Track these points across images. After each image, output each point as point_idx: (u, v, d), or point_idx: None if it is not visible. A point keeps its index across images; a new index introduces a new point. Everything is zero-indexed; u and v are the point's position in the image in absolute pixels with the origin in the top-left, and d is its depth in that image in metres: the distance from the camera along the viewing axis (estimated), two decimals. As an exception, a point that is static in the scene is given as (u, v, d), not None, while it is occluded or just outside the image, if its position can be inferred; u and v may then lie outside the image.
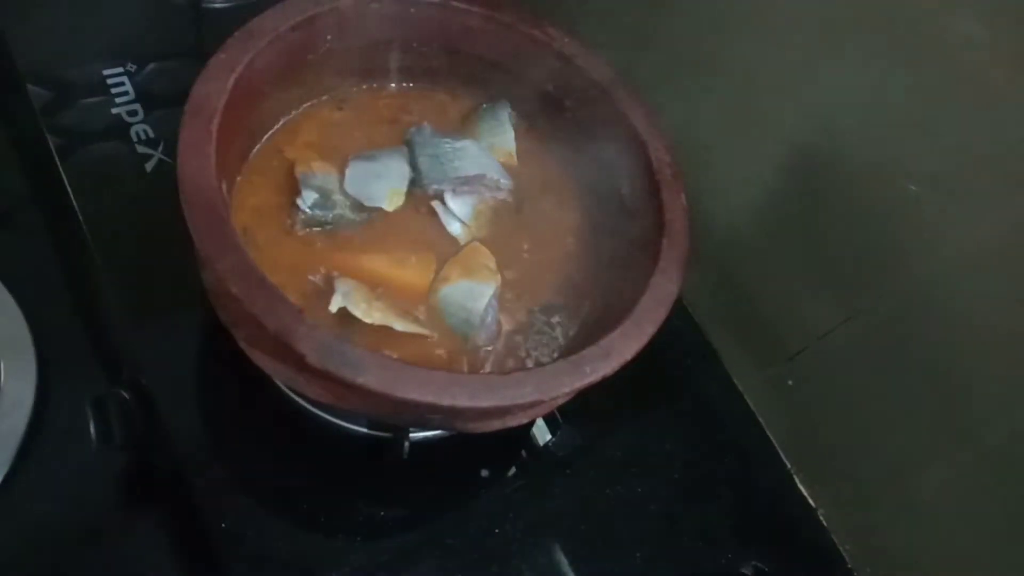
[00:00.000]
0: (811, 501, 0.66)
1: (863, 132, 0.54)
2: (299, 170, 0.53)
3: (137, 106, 0.65)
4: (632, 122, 0.53)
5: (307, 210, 0.52)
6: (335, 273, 0.50)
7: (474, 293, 0.51)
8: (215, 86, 0.46)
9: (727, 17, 0.59)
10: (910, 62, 0.49)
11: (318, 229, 0.52)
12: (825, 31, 0.53)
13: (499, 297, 0.52)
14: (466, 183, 0.56)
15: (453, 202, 0.55)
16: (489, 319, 0.51)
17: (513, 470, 0.59)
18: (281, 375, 0.46)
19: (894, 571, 0.62)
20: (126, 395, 0.53)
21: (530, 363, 0.51)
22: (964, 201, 0.50)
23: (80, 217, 0.59)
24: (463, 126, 0.60)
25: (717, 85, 0.62)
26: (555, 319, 0.53)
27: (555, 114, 0.58)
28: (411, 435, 0.54)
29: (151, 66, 0.67)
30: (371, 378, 0.39)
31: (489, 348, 0.51)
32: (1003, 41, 0.45)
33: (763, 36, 0.57)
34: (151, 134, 0.64)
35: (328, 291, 0.48)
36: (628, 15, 0.67)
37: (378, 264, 0.52)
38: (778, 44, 0.56)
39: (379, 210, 0.54)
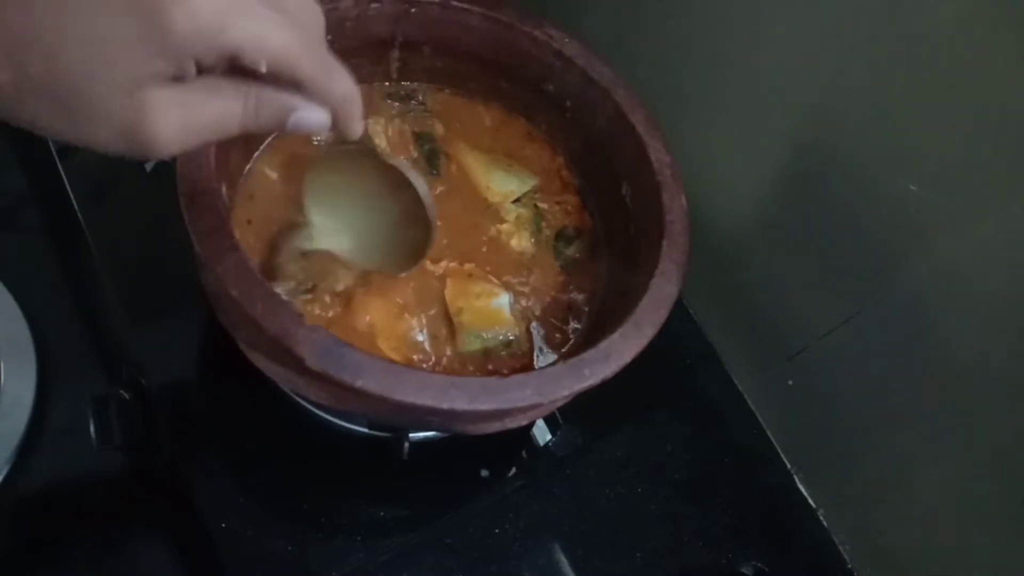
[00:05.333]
0: (811, 501, 0.66)
1: (863, 132, 0.53)
2: None
3: (137, 105, 0.65)
4: (632, 122, 0.53)
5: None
6: None
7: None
8: (215, 86, 0.46)
9: (727, 16, 0.59)
10: (911, 62, 0.49)
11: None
12: (826, 30, 0.53)
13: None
14: None
15: None
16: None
17: (513, 470, 0.59)
18: (281, 377, 0.46)
19: (894, 571, 0.62)
20: (126, 395, 0.53)
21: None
22: (964, 201, 0.49)
23: (80, 217, 0.59)
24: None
25: (717, 85, 0.62)
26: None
27: (555, 114, 0.58)
28: (411, 435, 0.54)
29: (151, 65, 0.67)
30: (370, 381, 0.39)
31: None
32: (1003, 40, 0.45)
33: (763, 35, 0.57)
34: (151, 133, 0.64)
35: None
36: (627, 15, 0.67)
37: None
38: (778, 43, 0.56)
39: None
